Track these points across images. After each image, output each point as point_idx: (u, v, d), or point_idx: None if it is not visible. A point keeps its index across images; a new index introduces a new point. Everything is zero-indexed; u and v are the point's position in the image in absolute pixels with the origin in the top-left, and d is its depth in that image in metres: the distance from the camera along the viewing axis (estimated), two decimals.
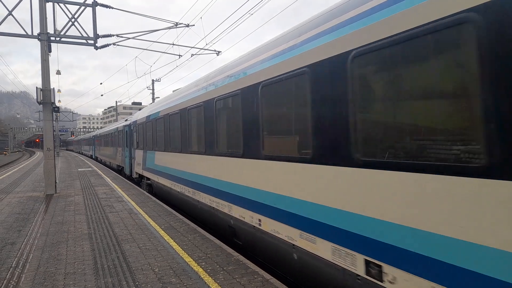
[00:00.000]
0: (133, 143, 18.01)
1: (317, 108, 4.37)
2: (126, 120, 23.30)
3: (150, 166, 13.92)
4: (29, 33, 13.85)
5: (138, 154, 16.33)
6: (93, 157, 44.99)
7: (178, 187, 10.45)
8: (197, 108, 8.57)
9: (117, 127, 24.74)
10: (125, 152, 20.99)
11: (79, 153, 68.34)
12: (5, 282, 5.26)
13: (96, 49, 15.49)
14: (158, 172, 12.74)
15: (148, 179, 14.70)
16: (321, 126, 4.29)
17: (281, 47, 5.30)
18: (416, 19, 3.10)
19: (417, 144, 3.17)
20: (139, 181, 17.25)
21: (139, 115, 16.69)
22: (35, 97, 14.09)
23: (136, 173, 17.17)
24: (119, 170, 24.42)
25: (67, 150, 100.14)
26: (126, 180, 18.57)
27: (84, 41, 14.81)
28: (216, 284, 4.98)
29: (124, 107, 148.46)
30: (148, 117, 14.05)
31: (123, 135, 21.46)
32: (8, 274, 5.58)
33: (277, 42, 5.57)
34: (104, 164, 33.17)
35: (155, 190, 13.96)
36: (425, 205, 3.07)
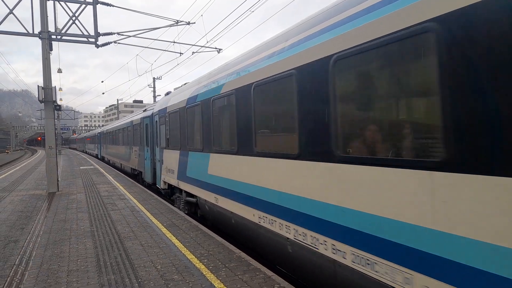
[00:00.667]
0: (158, 140, 13.51)
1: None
2: (144, 110, 18.06)
3: (195, 176, 9.04)
4: (30, 31, 13.86)
5: (170, 156, 11.49)
6: (99, 156, 40.10)
7: (284, 229, 5.19)
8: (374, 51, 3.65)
9: (132, 121, 20.04)
10: (144, 153, 16.53)
11: (83, 151, 64.70)
12: (8, 279, 5.29)
13: (97, 47, 15.50)
14: (216, 189, 7.70)
15: (191, 195, 9.73)
16: None
17: None
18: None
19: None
20: (168, 194, 12.74)
21: (170, 100, 11.76)
22: (37, 96, 14.13)
23: (165, 183, 12.44)
24: (134, 175, 19.79)
25: (70, 148, 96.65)
26: (128, 178, 18.60)
27: (85, 39, 14.82)
28: (219, 281, 5.00)
29: (126, 105, 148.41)
30: (192, 98, 9.17)
31: (142, 130, 16.92)
32: (12, 271, 5.62)
33: None
34: (114, 166, 27.97)
35: (204, 213, 9.21)
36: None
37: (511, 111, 2.46)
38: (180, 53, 19.85)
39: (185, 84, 11.78)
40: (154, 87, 37.96)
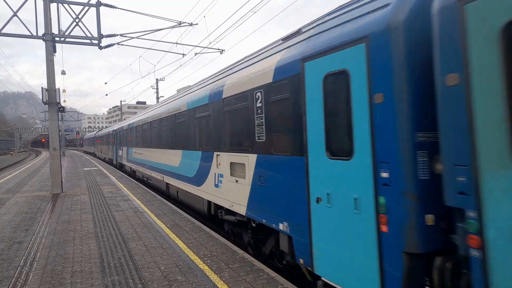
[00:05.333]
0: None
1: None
2: None
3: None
4: (34, 33, 13.95)
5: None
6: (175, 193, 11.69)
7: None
8: None
9: None
10: None
11: (106, 161, 33.20)
12: (13, 280, 5.32)
13: (101, 49, 15.57)
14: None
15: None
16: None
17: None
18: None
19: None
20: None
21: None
22: (41, 97, 14.21)
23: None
24: None
25: (85, 152, 64.57)
26: (132, 179, 18.65)
27: (88, 41, 14.88)
28: (222, 282, 5.00)
29: (129, 107, 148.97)
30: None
31: None
32: (16, 272, 5.64)
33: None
34: None
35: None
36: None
37: None
38: (183, 54, 19.90)
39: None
40: (157, 88, 38.05)
